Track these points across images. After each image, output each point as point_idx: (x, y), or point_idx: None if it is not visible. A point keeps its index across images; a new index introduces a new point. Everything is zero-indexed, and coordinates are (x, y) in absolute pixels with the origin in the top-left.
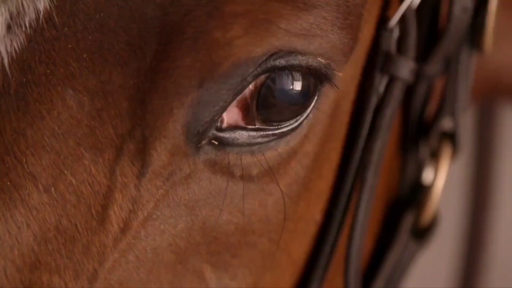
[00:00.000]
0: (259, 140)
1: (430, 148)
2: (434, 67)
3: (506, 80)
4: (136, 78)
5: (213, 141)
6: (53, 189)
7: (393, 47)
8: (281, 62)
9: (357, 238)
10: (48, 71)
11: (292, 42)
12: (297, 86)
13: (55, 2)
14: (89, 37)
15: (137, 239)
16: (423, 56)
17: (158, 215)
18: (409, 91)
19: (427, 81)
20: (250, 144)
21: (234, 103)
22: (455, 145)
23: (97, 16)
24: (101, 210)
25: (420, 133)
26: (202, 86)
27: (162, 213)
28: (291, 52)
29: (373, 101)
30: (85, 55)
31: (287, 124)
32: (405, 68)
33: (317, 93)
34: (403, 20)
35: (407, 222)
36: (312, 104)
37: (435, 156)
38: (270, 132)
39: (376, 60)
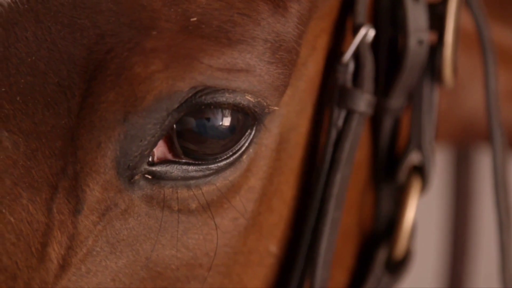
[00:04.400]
0: (194, 174)
1: (400, 182)
2: (396, 101)
3: (478, 125)
4: (67, 117)
5: (146, 175)
6: None
7: (348, 81)
8: (207, 99)
9: (319, 272)
10: None
11: (216, 77)
12: (221, 121)
13: None
14: (22, 80)
15: (78, 276)
16: (385, 90)
17: (98, 251)
18: (376, 125)
19: (392, 115)
20: (185, 178)
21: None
22: (424, 178)
23: (29, 59)
24: (41, 248)
25: (391, 168)
26: (127, 120)
27: (102, 249)
28: (218, 90)
29: (333, 135)
30: (18, 98)
31: (223, 158)
32: (362, 102)
33: (253, 128)
34: (358, 54)
35: (381, 256)
36: (248, 138)
37: (404, 191)
38: (205, 167)
39: (333, 94)
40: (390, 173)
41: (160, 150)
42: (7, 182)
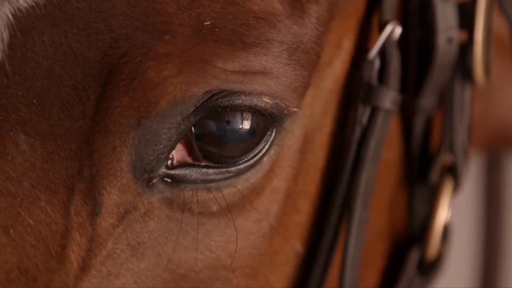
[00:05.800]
0: (214, 176)
1: (433, 183)
2: (427, 100)
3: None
4: (82, 120)
5: (165, 179)
6: (11, 231)
7: (374, 78)
8: (223, 102)
9: (349, 271)
10: (1, 117)
11: (231, 81)
12: (240, 124)
13: (7, 52)
14: (38, 84)
15: (99, 278)
16: (416, 90)
17: (119, 254)
18: (408, 125)
19: (423, 115)
20: (205, 181)
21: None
22: (456, 179)
23: (45, 63)
24: (60, 250)
25: (424, 168)
26: (141, 125)
27: (123, 251)
28: (234, 92)
29: (357, 132)
30: (34, 101)
31: (243, 161)
32: (387, 99)
33: (273, 130)
34: (384, 51)
35: (413, 257)
36: (269, 140)
37: (436, 191)
38: (225, 169)
39: (358, 92)
40: (423, 174)
41: (179, 153)
42: (25, 185)
